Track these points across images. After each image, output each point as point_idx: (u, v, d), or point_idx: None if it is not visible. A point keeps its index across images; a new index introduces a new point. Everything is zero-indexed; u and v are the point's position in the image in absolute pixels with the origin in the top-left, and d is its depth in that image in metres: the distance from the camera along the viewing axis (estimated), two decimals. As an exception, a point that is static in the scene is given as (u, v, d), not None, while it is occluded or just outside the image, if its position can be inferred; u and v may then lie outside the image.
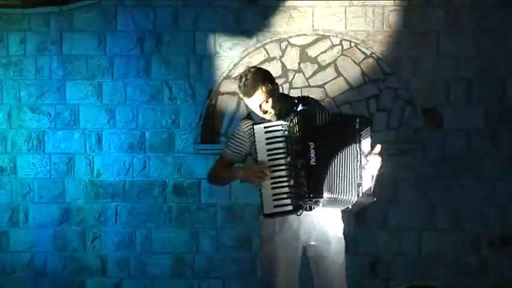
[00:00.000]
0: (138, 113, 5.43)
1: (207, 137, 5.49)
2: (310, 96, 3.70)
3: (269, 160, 3.39)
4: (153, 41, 5.41)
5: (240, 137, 3.59)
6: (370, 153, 3.42)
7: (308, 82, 5.47)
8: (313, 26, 5.40)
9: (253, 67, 3.56)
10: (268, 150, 3.40)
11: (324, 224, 3.49)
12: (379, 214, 5.34)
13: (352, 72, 5.47)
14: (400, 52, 5.36)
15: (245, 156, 3.60)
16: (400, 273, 5.37)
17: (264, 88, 3.40)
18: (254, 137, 3.42)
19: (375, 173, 3.44)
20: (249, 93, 3.41)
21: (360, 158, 3.37)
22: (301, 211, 3.36)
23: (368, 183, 3.40)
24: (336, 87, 5.42)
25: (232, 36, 5.39)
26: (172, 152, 5.41)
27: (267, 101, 3.42)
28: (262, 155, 3.40)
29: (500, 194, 5.33)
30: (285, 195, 3.36)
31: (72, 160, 5.43)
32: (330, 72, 5.48)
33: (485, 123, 5.35)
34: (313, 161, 3.32)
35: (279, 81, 5.41)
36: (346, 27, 5.38)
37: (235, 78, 5.21)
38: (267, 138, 3.40)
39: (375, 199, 3.43)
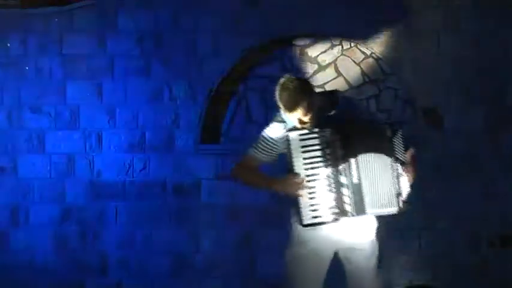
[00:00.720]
0: (138, 113, 5.43)
1: (207, 137, 5.49)
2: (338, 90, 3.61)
3: (306, 169, 3.34)
4: (153, 41, 5.42)
5: (271, 140, 3.50)
6: (404, 159, 3.39)
7: (308, 82, 5.47)
8: (313, 26, 5.40)
9: (295, 79, 3.39)
10: (305, 158, 3.34)
11: (358, 227, 3.48)
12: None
13: (352, 72, 5.48)
14: (400, 52, 5.36)
15: (277, 156, 3.53)
16: (400, 273, 5.37)
17: (306, 104, 3.29)
18: (289, 144, 3.35)
19: (411, 178, 3.42)
20: (290, 109, 3.31)
21: (396, 167, 3.35)
22: (338, 220, 3.37)
23: (406, 189, 3.39)
24: (336, 87, 5.42)
25: (232, 36, 5.39)
26: (172, 152, 5.41)
27: (307, 115, 3.33)
28: (298, 164, 3.35)
29: (500, 194, 5.33)
30: (325, 208, 3.34)
31: (72, 160, 5.43)
32: (330, 72, 5.49)
33: (485, 123, 5.35)
34: (356, 179, 3.31)
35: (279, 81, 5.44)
36: (346, 27, 5.38)
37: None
38: (302, 146, 3.34)
39: (411, 206, 3.40)
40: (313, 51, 5.50)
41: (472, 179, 5.33)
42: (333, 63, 5.49)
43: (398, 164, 3.35)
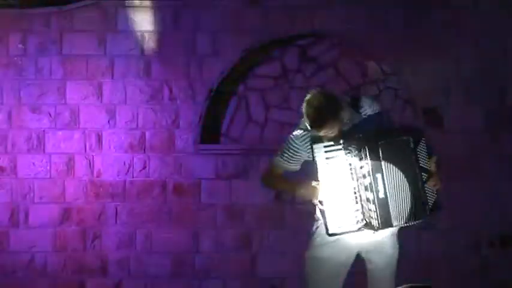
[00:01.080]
0: (138, 113, 5.43)
1: (207, 137, 5.49)
2: (363, 97, 3.61)
3: (331, 180, 3.35)
4: (153, 41, 5.41)
5: (296, 147, 3.48)
6: (428, 167, 3.39)
7: (308, 82, 5.47)
8: (313, 26, 5.40)
9: (324, 96, 3.35)
10: (330, 170, 3.35)
11: (381, 232, 3.48)
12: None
13: (352, 72, 5.48)
14: (400, 52, 5.36)
15: (301, 163, 3.53)
16: (400, 273, 5.36)
17: (332, 121, 3.29)
18: (313, 155, 3.36)
19: (438, 184, 3.43)
20: (318, 127, 3.30)
21: (421, 176, 3.35)
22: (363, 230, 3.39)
23: (432, 197, 3.40)
24: (335, 87, 5.42)
25: (232, 36, 5.39)
26: (172, 152, 5.41)
27: (333, 130, 3.34)
28: (323, 175, 3.35)
29: (500, 194, 5.33)
30: (351, 220, 3.36)
31: (72, 160, 5.43)
32: (330, 72, 5.48)
33: (485, 123, 5.35)
34: (382, 194, 3.31)
35: (278, 81, 5.45)
36: (346, 27, 5.38)
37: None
38: (327, 158, 3.34)
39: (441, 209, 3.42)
40: (313, 51, 5.49)
41: (472, 179, 5.33)
42: (333, 63, 5.49)
43: (423, 173, 3.36)
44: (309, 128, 3.38)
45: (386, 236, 3.53)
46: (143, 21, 5.41)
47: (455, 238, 5.34)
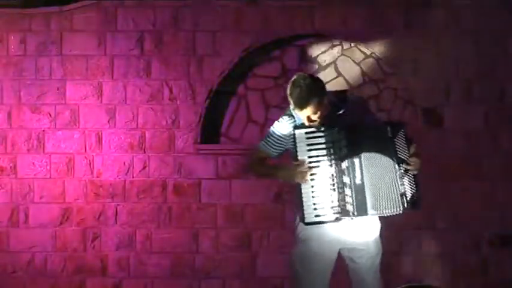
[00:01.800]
0: (138, 113, 5.42)
1: (207, 137, 5.49)
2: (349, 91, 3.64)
3: (310, 167, 3.38)
4: (153, 41, 5.41)
5: (279, 133, 3.54)
6: (406, 157, 3.39)
7: (308, 82, 5.46)
8: (313, 26, 5.40)
9: (308, 77, 3.44)
10: (310, 157, 3.38)
11: (362, 226, 3.49)
12: (379, 214, 5.34)
13: (352, 72, 5.48)
14: (400, 52, 5.36)
15: (284, 151, 3.58)
16: (400, 273, 5.37)
17: (316, 102, 3.34)
18: (295, 141, 3.39)
19: (415, 171, 3.43)
20: (301, 106, 3.35)
21: (398, 167, 3.36)
22: (341, 220, 3.39)
23: (412, 188, 3.40)
24: (336, 87, 5.42)
25: (232, 36, 5.39)
26: (172, 152, 5.41)
27: (316, 113, 3.37)
28: (303, 160, 3.39)
29: (500, 194, 5.33)
30: (327, 207, 3.37)
31: (72, 160, 5.43)
32: (330, 72, 5.49)
33: (485, 123, 5.35)
34: (359, 179, 3.33)
35: (278, 81, 5.44)
36: (346, 27, 5.38)
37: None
38: (308, 144, 3.38)
39: (420, 202, 3.41)
40: (313, 51, 5.49)
41: (472, 178, 5.33)
42: (333, 63, 5.49)
43: (401, 164, 3.35)
44: (292, 109, 3.42)
45: (369, 236, 3.52)
46: (143, 21, 5.41)
47: (455, 238, 5.34)
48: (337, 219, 3.37)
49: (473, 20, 5.33)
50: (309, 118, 3.39)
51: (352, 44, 5.45)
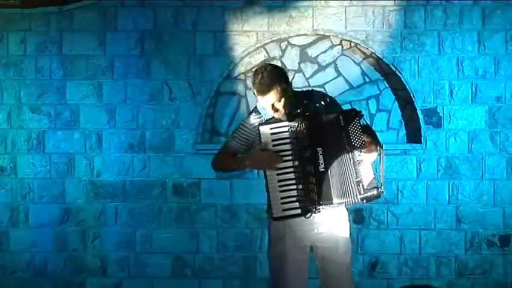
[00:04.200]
0: (138, 113, 5.43)
1: (207, 137, 5.49)
2: (315, 90, 3.69)
3: (277, 153, 3.41)
4: (153, 41, 5.41)
5: (246, 129, 3.59)
6: (363, 145, 3.38)
7: (308, 82, 5.47)
8: (313, 26, 5.40)
9: (270, 64, 3.55)
10: (275, 152, 3.41)
11: (332, 224, 3.50)
12: (379, 214, 5.34)
13: (352, 72, 5.48)
14: (400, 52, 5.36)
15: (250, 148, 3.60)
16: (400, 273, 5.37)
17: (279, 88, 3.39)
18: (260, 138, 3.42)
19: (373, 160, 3.41)
20: (263, 92, 3.40)
21: (353, 155, 3.36)
22: (310, 214, 3.38)
23: (369, 176, 3.38)
24: (336, 87, 5.43)
25: (232, 36, 5.39)
26: (172, 152, 5.41)
27: (280, 101, 3.42)
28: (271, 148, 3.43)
29: (500, 194, 5.33)
30: (294, 199, 3.38)
31: (72, 160, 5.43)
32: (330, 72, 5.49)
33: (486, 123, 5.35)
34: (322, 167, 3.35)
35: (279, 81, 5.43)
36: (346, 27, 5.38)
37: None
38: (273, 140, 3.41)
39: (381, 190, 3.38)
40: (313, 51, 5.49)
41: (472, 178, 5.33)
42: (333, 63, 5.49)
43: (355, 151, 3.35)
44: (258, 105, 3.48)
45: (339, 233, 3.52)
46: (143, 21, 5.41)
47: (455, 238, 5.34)
48: (305, 212, 3.38)
49: (475, 19, 5.34)
50: (273, 107, 3.43)
51: (352, 44, 5.45)
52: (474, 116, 5.35)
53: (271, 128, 3.42)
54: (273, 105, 3.42)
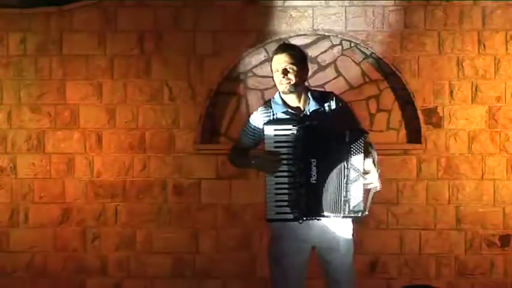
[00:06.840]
0: (138, 113, 5.43)
1: (207, 137, 5.49)
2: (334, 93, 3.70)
3: (279, 159, 3.44)
4: (153, 41, 5.42)
5: (254, 123, 3.66)
6: (359, 166, 3.38)
7: (308, 82, 5.47)
8: (313, 26, 5.40)
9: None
10: (276, 154, 3.43)
11: (334, 226, 3.50)
12: (379, 214, 5.34)
13: (352, 72, 5.48)
14: (400, 52, 5.36)
15: (258, 141, 3.66)
16: (400, 273, 5.37)
17: (294, 52, 3.51)
18: (264, 136, 3.45)
19: (374, 184, 3.43)
20: (283, 50, 3.51)
21: (348, 173, 3.36)
22: (301, 221, 3.39)
23: (357, 198, 3.38)
24: (336, 87, 5.42)
25: (232, 36, 5.39)
26: (172, 152, 5.41)
27: (292, 67, 3.48)
28: (273, 151, 3.45)
29: (500, 194, 5.33)
30: (285, 204, 3.40)
31: (72, 160, 5.43)
32: (330, 72, 5.49)
33: (486, 123, 5.35)
34: (313, 179, 3.37)
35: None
36: (346, 27, 5.39)
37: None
38: (275, 142, 3.43)
39: (364, 214, 3.39)
40: (313, 51, 5.50)
41: (472, 178, 5.34)
42: (333, 63, 5.50)
43: (352, 170, 3.35)
44: (271, 65, 3.56)
45: (341, 235, 3.53)
46: (143, 21, 5.41)
47: (455, 238, 5.34)
48: (296, 218, 3.38)
49: (474, 19, 5.34)
50: (285, 71, 3.47)
51: (352, 44, 5.45)
52: (474, 116, 5.36)
53: (275, 129, 3.44)
54: (285, 69, 3.44)
